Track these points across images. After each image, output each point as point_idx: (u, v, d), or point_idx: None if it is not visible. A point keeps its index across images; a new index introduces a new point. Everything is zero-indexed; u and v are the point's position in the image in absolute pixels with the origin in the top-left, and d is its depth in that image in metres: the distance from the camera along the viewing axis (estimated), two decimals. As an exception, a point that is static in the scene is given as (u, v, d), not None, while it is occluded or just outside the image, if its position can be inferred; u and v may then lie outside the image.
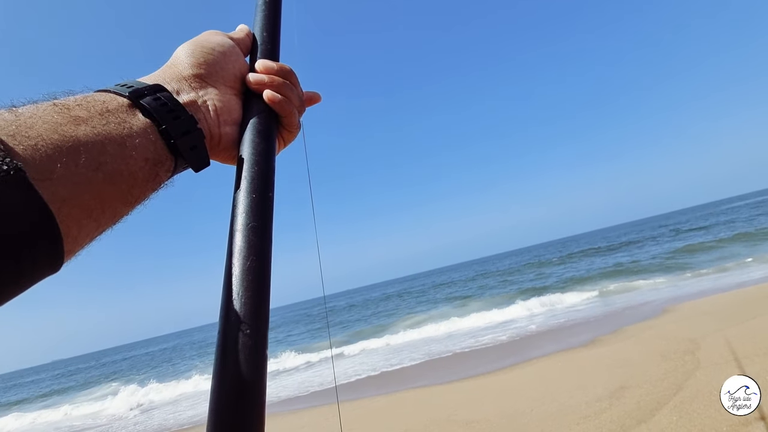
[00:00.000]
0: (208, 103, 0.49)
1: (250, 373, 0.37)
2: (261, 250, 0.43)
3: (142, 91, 0.42)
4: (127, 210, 0.40)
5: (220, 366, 0.38)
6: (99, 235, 0.37)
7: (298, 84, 0.55)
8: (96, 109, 0.38)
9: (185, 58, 0.50)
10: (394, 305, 26.59)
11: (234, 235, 0.43)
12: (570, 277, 18.31)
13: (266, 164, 0.48)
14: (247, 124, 0.50)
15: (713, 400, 3.53)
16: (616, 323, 7.80)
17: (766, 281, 8.78)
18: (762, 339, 4.76)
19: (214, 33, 0.54)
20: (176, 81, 0.48)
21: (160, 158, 0.42)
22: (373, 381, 7.62)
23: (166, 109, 0.43)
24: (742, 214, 33.52)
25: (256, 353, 0.38)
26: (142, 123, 0.40)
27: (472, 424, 4.27)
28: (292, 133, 0.56)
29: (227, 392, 0.37)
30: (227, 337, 0.39)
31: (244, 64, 0.54)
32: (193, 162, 0.46)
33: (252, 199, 0.45)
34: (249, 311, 0.39)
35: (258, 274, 0.41)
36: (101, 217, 0.36)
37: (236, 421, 0.36)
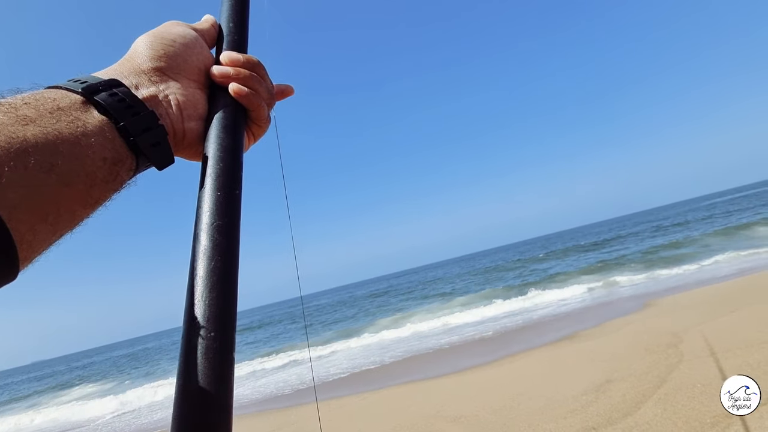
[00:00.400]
0: (170, 97, 0.46)
1: (216, 378, 0.36)
2: (227, 250, 0.41)
3: (96, 87, 0.39)
4: (87, 212, 0.37)
5: (184, 371, 0.36)
6: (58, 240, 0.35)
7: (266, 76, 0.53)
8: (46, 107, 0.35)
9: (144, 50, 0.46)
10: (380, 302, 26.64)
11: (198, 235, 0.41)
12: (554, 273, 18.60)
13: (233, 160, 0.46)
14: (212, 119, 0.48)
15: (696, 392, 3.60)
16: (600, 318, 7.92)
17: (743, 275, 9.02)
18: (742, 332, 4.87)
19: (175, 24, 0.51)
20: (134, 75, 0.45)
21: (119, 157, 0.39)
22: (360, 378, 7.60)
23: (124, 105, 0.40)
24: (719, 210, 34.52)
25: (221, 357, 0.37)
26: (97, 121, 0.38)
27: (461, 419, 4.26)
28: (261, 127, 0.54)
29: (191, 398, 0.35)
30: (191, 341, 0.37)
31: (209, 57, 0.52)
32: (156, 160, 0.43)
33: (217, 196, 0.43)
34: (214, 313, 0.38)
35: (224, 275, 0.39)
36: (58, 221, 0.34)
37: (201, 428, 0.34)
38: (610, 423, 3.44)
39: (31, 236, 0.31)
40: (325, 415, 5.53)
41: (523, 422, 3.84)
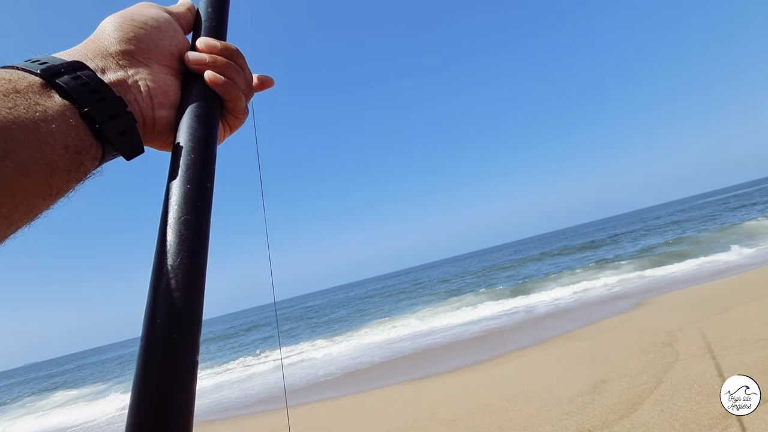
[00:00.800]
0: (139, 83, 0.43)
1: (176, 383, 0.34)
2: (194, 246, 0.38)
3: (58, 69, 0.36)
4: (46, 203, 0.34)
5: (142, 373, 0.34)
6: (14, 233, 0.32)
7: (245, 66, 0.50)
8: (0, 89, 0.32)
9: (112, 31, 0.43)
10: (373, 303, 26.57)
11: (165, 230, 0.39)
12: (548, 273, 18.61)
13: (205, 152, 0.43)
14: (185, 108, 0.45)
15: (693, 392, 3.56)
16: (594, 317, 7.90)
17: (737, 273, 9.04)
18: (737, 330, 4.85)
19: (147, 5, 0.48)
20: (101, 58, 0.41)
21: (83, 145, 0.36)
22: (352, 379, 7.52)
23: (89, 89, 0.37)
24: (709, 209, 34.86)
25: (183, 360, 0.35)
26: (59, 105, 0.35)
27: (455, 422, 4.20)
28: (238, 118, 0.52)
29: (149, 403, 0.33)
30: (151, 342, 0.35)
31: (184, 42, 0.49)
32: (124, 149, 0.40)
33: (186, 189, 0.40)
34: (177, 313, 0.35)
35: (189, 272, 0.37)
36: (13, 213, 0.31)
37: None
38: (606, 425, 3.39)
39: None
40: (317, 418, 5.44)
41: (518, 425, 3.79)
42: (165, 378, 0.34)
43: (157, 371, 0.34)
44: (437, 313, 13.57)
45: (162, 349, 0.34)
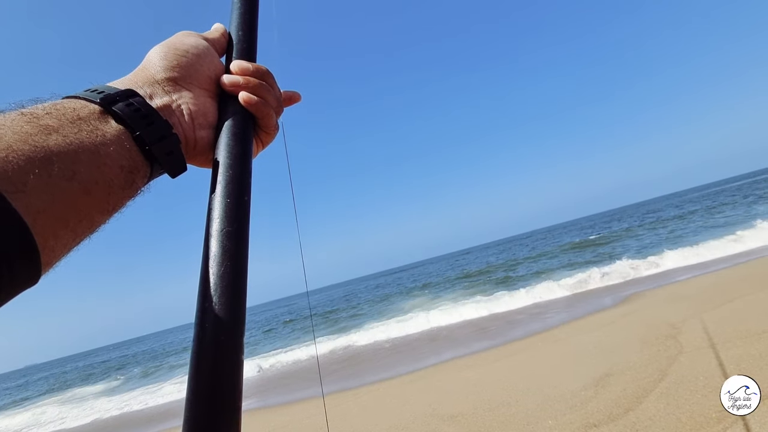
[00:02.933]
0: (182, 107, 0.47)
1: (226, 380, 0.37)
2: (236, 255, 0.42)
3: (113, 97, 0.41)
4: (104, 219, 0.38)
5: (195, 373, 0.38)
6: (77, 245, 0.36)
7: (275, 84, 0.54)
8: (67, 117, 0.37)
9: (158, 60, 0.48)
10: (375, 299, 26.58)
11: (209, 241, 0.42)
12: (547, 266, 18.52)
13: (242, 167, 0.47)
14: (222, 127, 0.49)
15: (699, 385, 3.52)
16: (596, 310, 7.85)
17: (738, 265, 8.95)
18: (740, 322, 4.80)
19: (187, 34, 0.53)
20: (149, 85, 0.46)
21: (135, 165, 0.41)
22: (351, 374, 7.52)
23: (140, 114, 0.41)
24: (711, 201, 34.59)
25: (230, 359, 0.38)
26: (115, 130, 0.39)
27: (457, 417, 4.19)
28: (270, 135, 0.56)
29: (202, 399, 0.37)
30: (202, 344, 0.38)
31: (220, 65, 0.53)
32: (170, 167, 0.45)
33: (227, 203, 0.44)
34: (223, 317, 0.39)
35: (233, 280, 0.41)
36: (78, 227, 0.35)
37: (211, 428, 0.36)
38: (611, 419, 3.36)
39: (53, 242, 0.32)
40: (316, 416, 5.45)
41: (521, 420, 3.76)
42: (215, 376, 0.37)
43: (208, 371, 0.37)
44: (434, 306, 13.52)
45: (212, 351, 0.38)
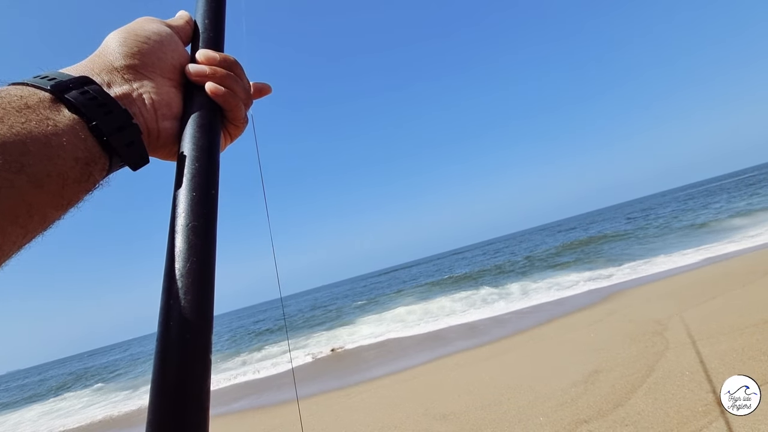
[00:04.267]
0: (144, 96, 0.45)
1: (193, 381, 0.36)
2: (202, 251, 0.40)
3: (66, 84, 0.38)
4: (58, 214, 0.36)
5: (159, 374, 0.36)
6: (28, 243, 0.34)
7: (243, 75, 0.52)
8: (13, 105, 0.34)
9: (117, 47, 0.45)
10: (363, 298, 26.59)
11: (173, 236, 0.41)
12: (534, 265, 18.74)
13: (208, 160, 0.45)
14: (187, 119, 0.47)
15: (686, 380, 3.59)
16: (582, 308, 7.97)
17: (717, 263, 9.19)
18: (724, 318, 4.92)
19: (149, 20, 0.50)
20: (106, 72, 0.43)
21: (92, 157, 0.38)
22: (344, 372, 7.49)
23: (96, 103, 0.39)
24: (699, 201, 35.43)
25: (198, 359, 0.37)
26: (68, 119, 0.37)
27: (450, 417, 4.19)
28: (238, 127, 0.53)
29: (167, 401, 0.35)
30: (167, 344, 0.37)
31: (184, 54, 0.50)
32: (130, 160, 0.42)
33: (192, 197, 0.42)
34: (190, 315, 0.37)
35: (199, 276, 0.39)
36: (29, 223, 0.33)
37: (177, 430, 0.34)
38: (601, 415, 3.41)
39: (1, 239, 0.30)
40: (310, 416, 5.40)
41: (513, 417, 3.79)
42: (181, 377, 0.35)
43: (174, 371, 0.36)
44: (423, 304, 13.59)
45: (177, 350, 0.36)
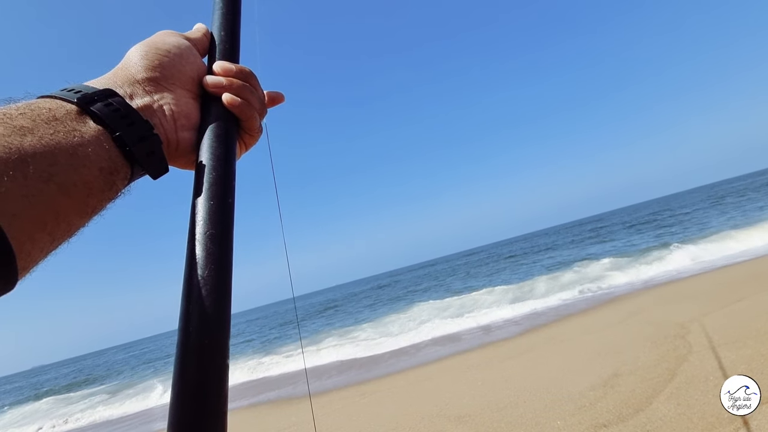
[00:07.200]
0: (164, 107, 0.47)
1: (211, 384, 0.37)
2: (220, 258, 0.42)
3: (91, 97, 0.40)
4: (83, 221, 0.38)
5: (179, 377, 0.37)
6: (55, 249, 0.35)
7: (258, 86, 0.54)
8: (42, 117, 0.35)
9: (138, 60, 0.47)
10: (372, 298, 26.60)
11: (193, 244, 0.42)
12: (552, 265, 18.37)
13: (225, 169, 0.47)
14: (205, 129, 0.49)
15: (710, 385, 3.49)
16: (602, 309, 7.78)
17: (743, 263, 8.82)
18: (750, 321, 4.74)
19: (168, 33, 0.52)
20: (129, 85, 0.45)
21: (115, 166, 0.40)
22: (356, 372, 7.53)
23: (119, 114, 0.41)
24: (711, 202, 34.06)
25: (216, 363, 0.38)
26: (93, 130, 0.38)
27: (465, 418, 4.19)
28: (253, 137, 0.55)
29: (187, 404, 0.36)
30: (186, 348, 0.38)
31: (202, 66, 0.52)
32: (151, 169, 0.44)
33: (210, 205, 0.44)
34: (208, 320, 0.39)
35: (217, 283, 0.40)
36: (56, 231, 0.34)
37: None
38: (621, 419, 3.35)
39: (29, 246, 0.31)
40: (323, 416, 5.46)
41: (530, 420, 3.76)
42: (200, 381, 0.37)
43: (193, 375, 0.37)
44: (440, 307, 13.49)
45: (196, 355, 0.37)
